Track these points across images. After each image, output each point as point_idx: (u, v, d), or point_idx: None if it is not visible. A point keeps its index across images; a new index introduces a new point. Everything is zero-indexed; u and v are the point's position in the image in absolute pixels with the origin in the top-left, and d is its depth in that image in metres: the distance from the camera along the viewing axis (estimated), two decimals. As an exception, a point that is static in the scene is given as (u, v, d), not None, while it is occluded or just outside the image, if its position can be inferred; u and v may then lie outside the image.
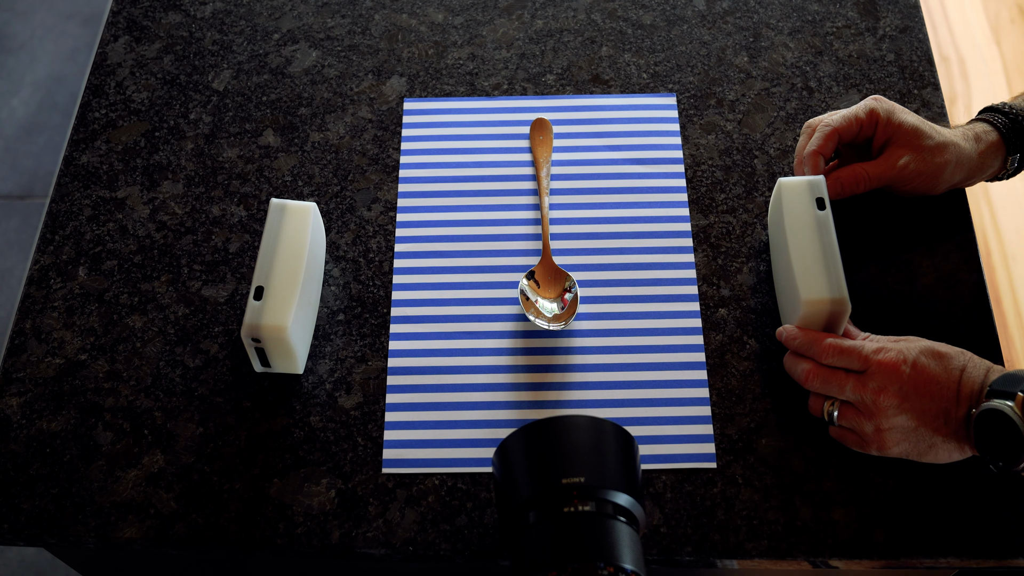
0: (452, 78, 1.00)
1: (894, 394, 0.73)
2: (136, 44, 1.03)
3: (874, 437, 0.75)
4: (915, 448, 0.75)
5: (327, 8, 1.06)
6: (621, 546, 0.63)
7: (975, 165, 0.87)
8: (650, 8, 1.05)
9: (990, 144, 0.87)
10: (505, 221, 0.91)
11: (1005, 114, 0.88)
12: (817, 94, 0.98)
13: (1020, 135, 0.87)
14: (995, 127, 0.87)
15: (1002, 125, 0.87)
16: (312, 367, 0.84)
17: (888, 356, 0.74)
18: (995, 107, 0.89)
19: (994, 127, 0.87)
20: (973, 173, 0.87)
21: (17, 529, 0.78)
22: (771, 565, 0.77)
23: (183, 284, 0.89)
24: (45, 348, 0.86)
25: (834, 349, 0.76)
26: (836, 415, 0.77)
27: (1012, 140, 0.87)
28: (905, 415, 0.73)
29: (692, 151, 0.95)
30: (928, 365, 0.73)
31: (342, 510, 0.78)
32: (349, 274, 0.89)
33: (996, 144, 0.87)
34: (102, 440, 0.82)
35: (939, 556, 0.76)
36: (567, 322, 0.84)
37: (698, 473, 0.79)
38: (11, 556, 1.59)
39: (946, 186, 0.87)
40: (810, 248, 0.80)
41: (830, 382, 0.76)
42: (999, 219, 1.82)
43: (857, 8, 1.04)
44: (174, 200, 0.93)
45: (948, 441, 0.74)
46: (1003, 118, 0.87)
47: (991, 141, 0.87)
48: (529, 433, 0.67)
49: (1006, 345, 1.61)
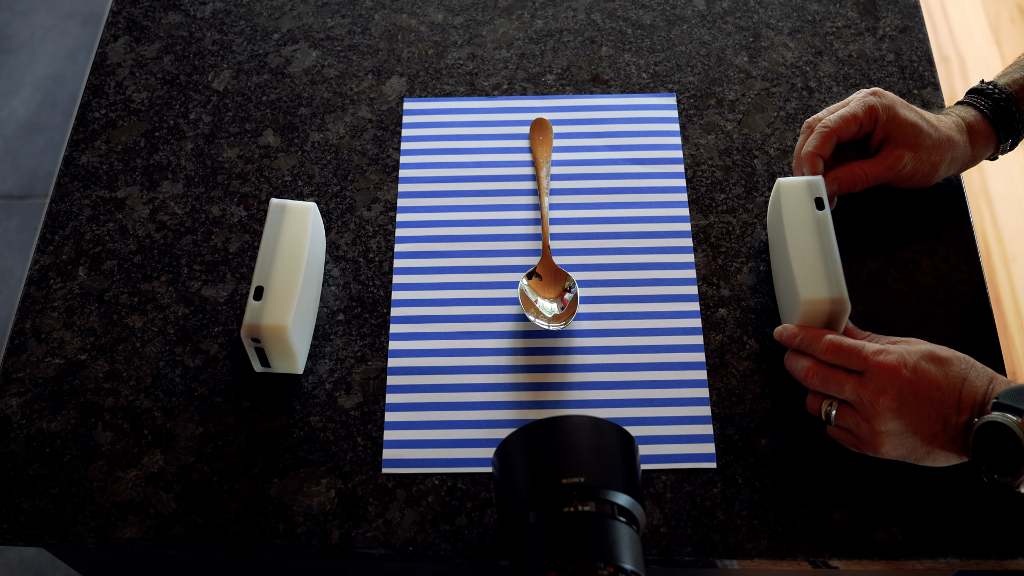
0: (452, 78, 1.00)
1: (893, 397, 0.72)
2: (136, 44, 1.04)
3: (870, 439, 0.74)
4: (911, 452, 0.74)
5: (327, 8, 1.06)
6: (621, 546, 0.63)
7: (969, 158, 0.88)
8: (650, 8, 1.05)
9: (982, 135, 0.87)
10: (505, 221, 0.91)
11: (989, 96, 0.88)
12: (817, 94, 0.98)
13: (1007, 118, 0.87)
14: (983, 114, 0.87)
15: (989, 110, 0.87)
16: (312, 367, 0.84)
17: (889, 358, 0.73)
18: (981, 89, 0.89)
19: (982, 114, 0.87)
20: (967, 165, 0.89)
21: (17, 529, 0.78)
22: (771, 565, 0.77)
23: (183, 284, 0.89)
24: (45, 348, 0.86)
25: (834, 347, 0.76)
26: (834, 415, 0.77)
27: (1001, 126, 0.87)
28: (902, 419, 0.73)
29: (692, 151, 0.95)
30: (929, 370, 0.73)
31: (342, 510, 0.78)
32: (349, 274, 0.89)
33: (987, 134, 0.87)
34: (102, 440, 0.82)
35: (939, 556, 0.76)
36: (567, 322, 0.84)
37: (698, 473, 0.79)
38: (11, 556, 1.59)
39: (940, 179, 0.89)
40: (809, 248, 0.80)
41: (830, 381, 0.76)
42: (999, 219, 1.82)
43: (857, 8, 1.04)
44: (174, 200, 0.93)
45: (944, 448, 0.73)
46: (989, 102, 0.87)
47: (982, 131, 0.87)
48: (529, 433, 0.67)
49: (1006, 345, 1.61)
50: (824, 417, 0.77)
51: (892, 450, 0.74)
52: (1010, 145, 0.88)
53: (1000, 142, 0.88)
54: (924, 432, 0.73)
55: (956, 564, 0.77)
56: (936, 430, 0.73)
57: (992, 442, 0.70)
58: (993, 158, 0.90)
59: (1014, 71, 0.89)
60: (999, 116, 0.87)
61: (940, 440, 0.73)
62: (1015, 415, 0.69)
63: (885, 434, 0.73)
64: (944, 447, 0.73)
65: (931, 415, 0.72)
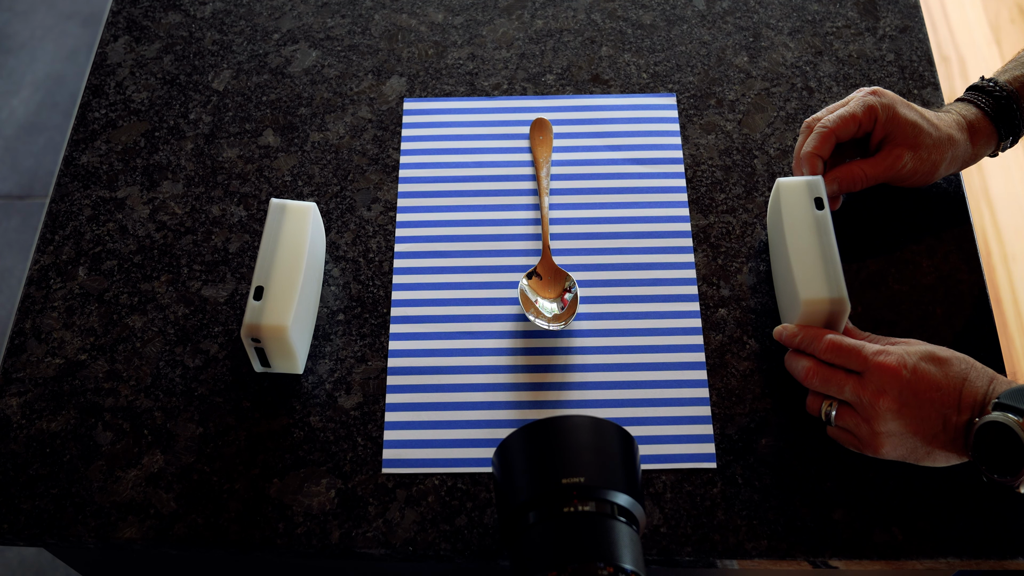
0: (452, 78, 1.00)
1: (893, 398, 0.72)
2: (136, 44, 1.03)
3: (870, 440, 0.74)
4: (911, 452, 0.74)
5: (327, 8, 1.06)
6: (621, 546, 0.63)
7: (970, 156, 0.88)
8: (650, 8, 1.05)
9: (982, 132, 0.87)
10: (505, 221, 0.91)
11: (990, 93, 0.87)
12: (817, 94, 0.98)
13: (1008, 115, 0.87)
14: (983, 111, 0.87)
15: (990, 108, 0.87)
16: (312, 367, 0.84)
17: (888, 359, 0.73)
18: (981, 86, 0.89)
19: (983, 112, 0.87)
20: (968, 163, 0.89)
21: (17, 529, 0.78)
22: (771, 565, 0.77)
23: (183, 284, 0.89)
24: (45, 348, 0.86)
25: (834, 347, 0.76)
26: (834, 416, 0.77)
27: (1002, 123, 0.87)
28: (902, 420, 0.73)
29: (692, 151, 0.95)
30: (929, 370, 0.73)
31: (342, 510, 0.78)
32: (349, 274, 0.89)
33: (988, 132, 0.87)
34: (102, 440, 0.81)
35: (939, 556, 0.76)
36: (567, 322, 0.84)
37: (698, 473, 0.79)
38: (11, 556, 1.59)
39: (941, 177, 0.89)
40: (809, 248, 0.80)
41: (830, 381, 0.76)
42: (999, 219, 1.82)
43: (857, 8, 1.04)
44: (174, 200, 0.93)
45: (944, 448, 0.73)
46: (989, 99, 0.87)
47: (982, 129, 0.87)
48: (529, 433, 0.67)
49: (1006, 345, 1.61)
50: (824, 418, 0.77)
51: (892, 450, 0.74)
52: (1011, 142, 0.89)
53: (1001, 140, 0.88)
54: (924, 432, 0.73)
55: (956, 564, 0.77)
56: (936, 430, 0.73)
57: (992, 442, 0.70)
58: (993, 155, 0.90)
59: (1014, 68, 0.88)
60: (999, 114, 0.87)
61: (940, 440, 0.73)
62: (1016, 415, 0.69)
63: (885, 435, 0.73)
64: (944, 447, 0.73)
65: (931, 415, 0.72)
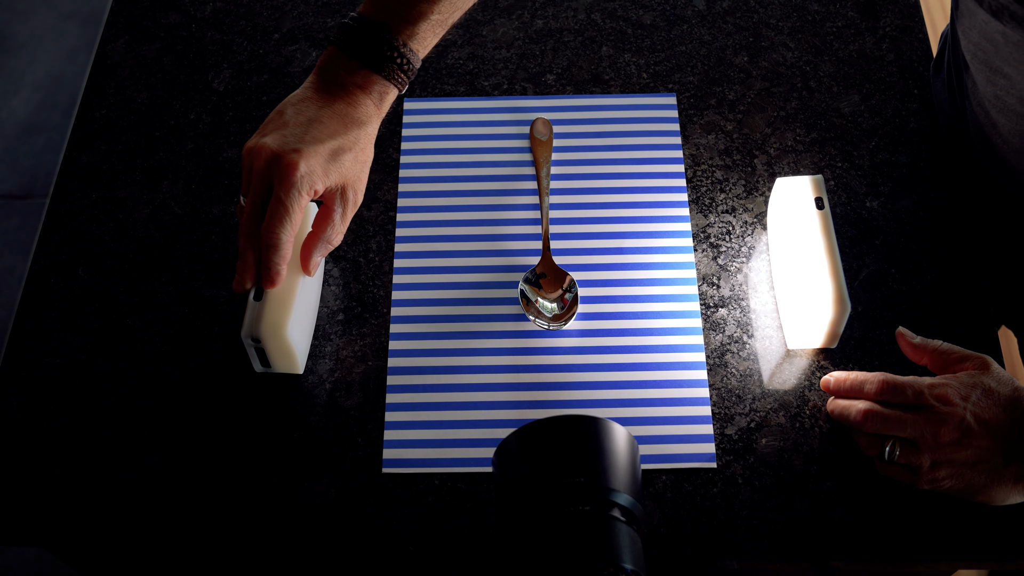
0: (452, 78, 1.00)
1: (954, 428, 0.72)
2: (136, 44, 1.03)
3: (928, 472, 0.73)
4: (968, 486, 0.73)
5: (327, 8, 1.06)
6: (621, 546, 0.63)
7: None
8: (650, 8, 1.04)
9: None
10: (505, 221, 0.91)
11: None
12: (817, 94, 0.98)
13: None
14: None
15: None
16: (312, 367, 0.84)
17: (946, 391, 0.73)
18: None
19: None
20: None
21: (17, 529, 0.78)
22: (771, 565, 0.77)
23: (183, 284, 0.89)
24: (45, 348, 0.86)
25: (889, 385, 0.75)
26: (898, 454, 0.75)
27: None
28: (966, 450, 0.72)
29: (692, 151, 0.95)
30: (985, 402, 0.72)
31: (342, 510, 0.78)
32: (349, 274, 0.89)
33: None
34: (102, 440, 0.81)
35: (939, 556, 0.76)
36: (567, 322, 0.84)
37: (698, 473, 0.79)
38: (11, 556, 1.59)
39: None
40: (809, 248, 0.80)
41: (890, 420, 0.74)
42: (999, 219, 1.82)
43: (857, 8, 1.04)
44: (174, 200, 0.93)
45: (1004, 478, 0.72)
46: None
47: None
48: (529, 433, 0.67)
49: (1006, 345, 1.61)
50: (886, 458, 0.75)
51: (950, 482, 0.73)
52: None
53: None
54: (985, 463, 0.72)
55: (956, 564, 0.77)
56: (998, 461, 0.72)
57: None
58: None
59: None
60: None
61: (1001, 470, 0.72)
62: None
63: (947, 465, 0.73)
64: (1004, 477, 0.72)
65: (993, 447, 0.71)
